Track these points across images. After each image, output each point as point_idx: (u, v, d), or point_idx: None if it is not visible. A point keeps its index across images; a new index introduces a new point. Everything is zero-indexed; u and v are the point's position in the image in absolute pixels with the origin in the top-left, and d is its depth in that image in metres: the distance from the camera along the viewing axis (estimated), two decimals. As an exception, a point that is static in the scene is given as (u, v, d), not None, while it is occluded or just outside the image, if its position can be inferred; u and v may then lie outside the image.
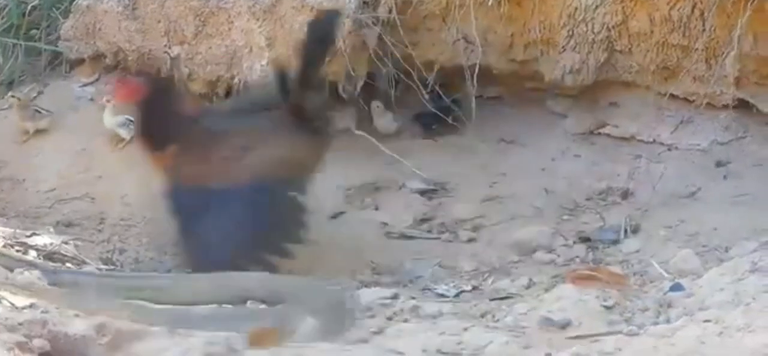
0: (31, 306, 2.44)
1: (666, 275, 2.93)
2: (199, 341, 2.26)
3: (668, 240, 3.23)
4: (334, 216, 3.50)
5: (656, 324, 2.43)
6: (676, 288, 2.66)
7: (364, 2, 3.57)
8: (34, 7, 3.98)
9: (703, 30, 3.41)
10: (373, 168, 3.68)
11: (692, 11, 3.41)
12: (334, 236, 3.47)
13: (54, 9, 3.97)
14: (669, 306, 2.53)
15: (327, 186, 3.65)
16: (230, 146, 3.11)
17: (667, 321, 2.46)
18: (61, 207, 3.64)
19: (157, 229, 3.42)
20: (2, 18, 4.03)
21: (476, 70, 3.56)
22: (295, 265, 3.29)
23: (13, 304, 2.46)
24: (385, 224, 3.52)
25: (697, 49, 3.44)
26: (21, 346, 2.20)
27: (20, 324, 2.27)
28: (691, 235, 3.23)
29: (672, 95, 3.54)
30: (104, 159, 3.66)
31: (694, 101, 3.53)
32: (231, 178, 3.06)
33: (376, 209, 3.60)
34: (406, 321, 2.63)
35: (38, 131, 3.80)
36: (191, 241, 3.05)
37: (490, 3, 3.55)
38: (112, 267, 3.26)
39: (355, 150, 3.72)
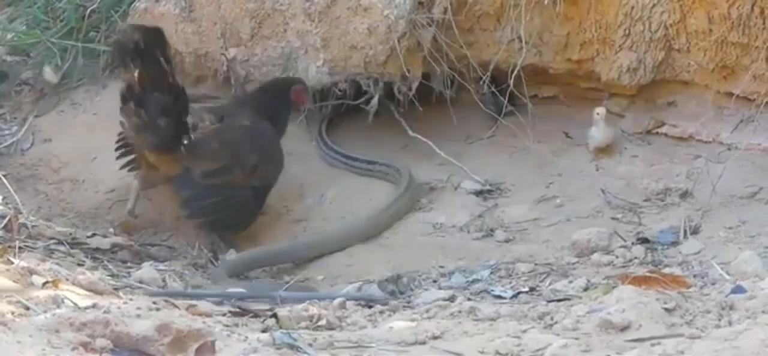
0: (93, 306, 2.47)
1: (727, 277, 2.89)
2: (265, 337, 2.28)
3: (729, 242, 3.19)
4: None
5: (718, 326, 2.40)
6: (738, 290, 2.62)
7: (419, 3, 3.57)
8: (92, 11, 4.03)
9: (764, 27, 3.37)
10: (429, 169, 3.68)
11: (752, 9, 3.37)
12: (390, 237, 3.48)
13: (112, 12, 4.02)
14: (731, 308, 2.49)
15: (382, 187, 3.66)
16: None
17: (729, 323, 2.43)
18: (119, 208, 3.68)
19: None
20: (61, 21, 4.08)
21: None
22: (352, 268, 3.32)
23: (76, 304, 2.50)
24: (441, 224, 3.51)
25: (757, 47, 3.40)
26: (85, 346, 2.23)
27: (84, 323, 2.29)
28: (752, 236, 3.19)
29: (731, 94, 3.49)
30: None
31: (754, 99, 3.48)
32: None
33: (431, 209, 3.59)
34: (463, 322, 2.62)
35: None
36: None
37: (545, 2, 3.54)
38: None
39: (411, 151, 3.73)
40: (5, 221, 3.21)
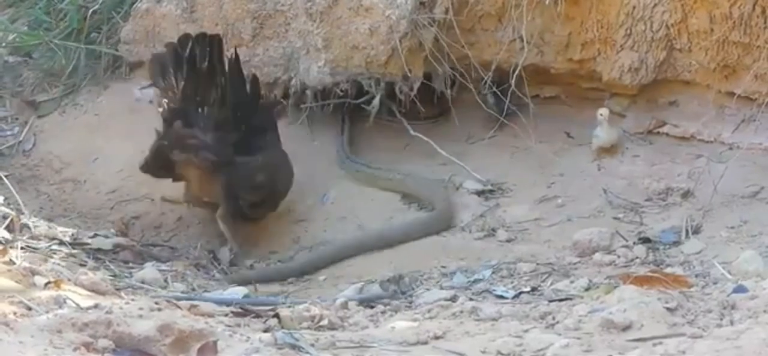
0: (95, 306, 2.47)
1: (729, 276, 2.89)
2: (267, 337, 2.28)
3: (730, 241, 3.19)
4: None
5: (720, 326, 2.40)
6: (740, 289, 2.62)
7: (421, 3, 3.58)
8: (94, 12, 4.04)
9: (765, 27, 3.37)
10: (431, 169, 3.68)
11: (753, 8, 3.37)
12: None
13: (114, 13, 4.03)
14: (733, 308, 2.49)
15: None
16: None
17: (731, 323, 2.43)
18: (121, 208, 3.69)
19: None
20: (63, 22, 4.09)
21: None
22: (354, 268, 3.33)
23: (78, 305, 2.50)
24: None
25: (758, 46, 3.40)
26: (87, 346, 2.24)
27: (86, 324, 2.30)
28: (753, 236, 3.19)
29: (733, 94, 3.49)
30: (164, 161, 3.69)
31: (756, 99, 3.48)
32: None
33: (433, 209, 3.59)
34: (465, 322, 2.63)
35: None
36: None
37: (547, 2, 3.54)
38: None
39: (412, 152, 3.73)
40: (7, 221, 3.21)
